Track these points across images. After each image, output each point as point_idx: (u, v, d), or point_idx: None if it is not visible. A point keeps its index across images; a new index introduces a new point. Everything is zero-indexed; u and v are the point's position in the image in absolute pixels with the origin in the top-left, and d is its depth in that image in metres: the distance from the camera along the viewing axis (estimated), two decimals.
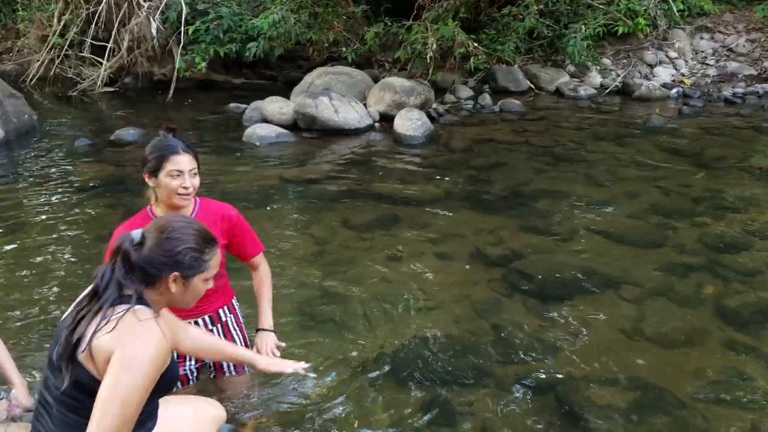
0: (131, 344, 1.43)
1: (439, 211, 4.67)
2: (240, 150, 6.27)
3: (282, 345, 2.33)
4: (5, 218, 4.53)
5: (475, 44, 8.10)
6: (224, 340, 2.17)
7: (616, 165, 5.70)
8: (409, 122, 6.62)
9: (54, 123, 7.57)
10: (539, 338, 3.08)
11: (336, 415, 2.54)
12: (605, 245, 4.10)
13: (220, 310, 2.27)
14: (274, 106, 7.07)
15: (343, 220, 4.49)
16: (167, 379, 1.56)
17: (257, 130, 6.57)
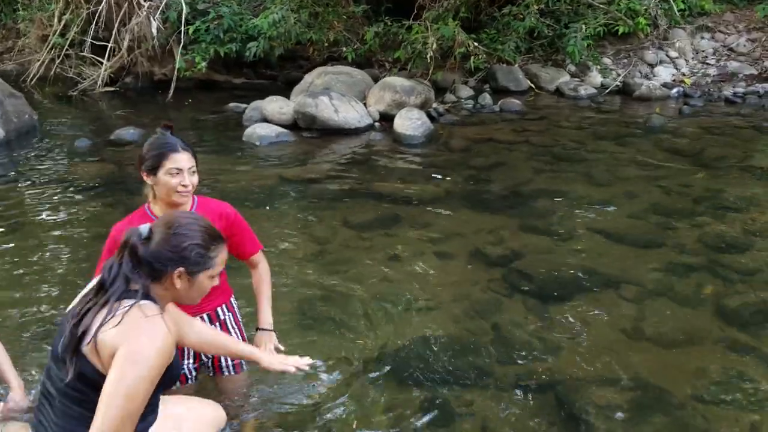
0: (137, 339, 1.44)
1: (439, 211, 4.67)
2: (240, 149, 6.27)
3: (281, 348, 2.33)
4: (5, 217, 4.53)
5: (476, 44, 8.09)
6: (228, 336, 2.17)
7: (616, 165, 5.69)
8: (409, 122, 6.61)
9: (54, 123, 7.57)
10: (539, 338, 3.07)
11: (335, 414, 2.53)
12: (605, 245, 4.10)
13: (219, 309, 2.27)
14: (274, 105, 7.07)
15: (343, 220, 4.49)
16: (171, 374, 1.58)
17: (257, 129, 6.57)
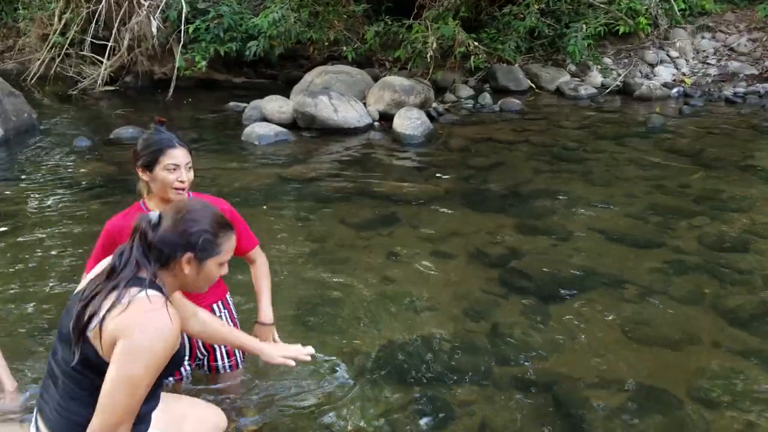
0: (138, 334, 1.44)
1: (438, 211, 4.66)
2: (239, 149, 6.27)
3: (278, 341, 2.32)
4: (4, 216, 4.53)
5: (476, 43, 8.09)
6: (231, 327, 2.14)
7: (616, 164, 5.68)
8: (409, 121, 6.61)
9: (54, 122, 7.57)
10: (538, 338, 3.07)
11: (333, 414, 2.53)
12: (605, 245, 4.09)
13: (214, 306, 2.26)
14: (273, 104, 7.07)
15: (341, 219, 4.48)
16: (175, 361, 1.58)
17: (256, 128, 6.56)
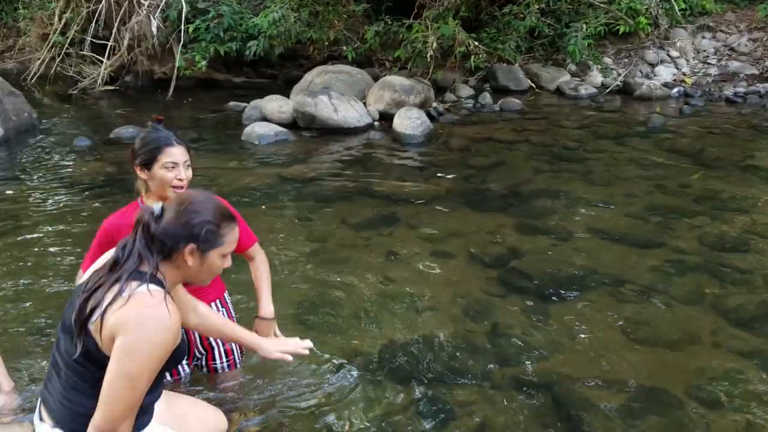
0: (137, 329, 1.44)
1: (437, 210, 4.66)
2: (239, 148, 6.26)
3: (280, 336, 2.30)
4: (4, 216, 4.53)
5: (476, 43, 8.08)
6: (229, 322, 2.13)
7: (616, 164, 5.68)
8: (409, 121, 6.60)
9: (54, 121, 7.57)
10: (538, 338, 3.06)
11: (333, 414, 2.52)
12: (605, 245, 4.08)
13: (213, 305, 2.26)
14: (273, 104, 7.06)
15: (341, 219, 4.48)
16: (176, 356, 1.58)
17: (256, 128, 6.55)
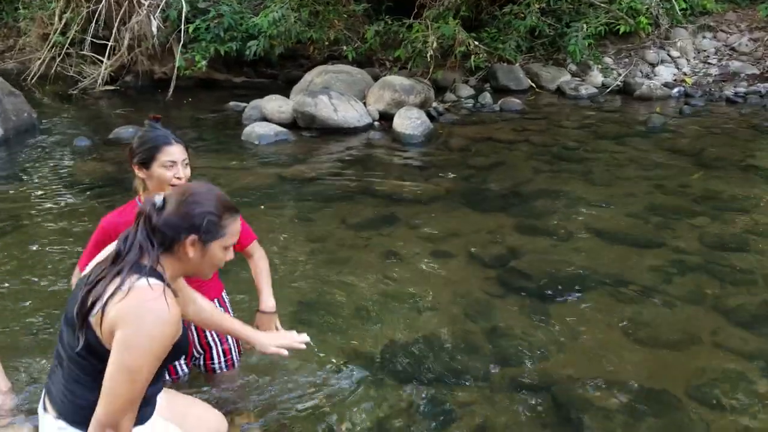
0: (136, 323, 1.43)
1: (437, 210, 4.66)
2: (239, 148, 6.26)
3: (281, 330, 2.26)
4: (3, 216, 4.53)
5: (476, 43, 8.08)
6: (226, 314, 2.12)
7: (616, 164, 5.67)
8: (409, 121, 6.60)
9: (54, 121, 7.57)
10: (538, 338, 3.06)
11: (332, 415, 2.53)
12: (605, 245, 4.08)
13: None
14: (273, 104, 7.06)
15: (341, 219, 4.48)
16: (177, 349, 1.58)
17: (256, 128, 6.55)
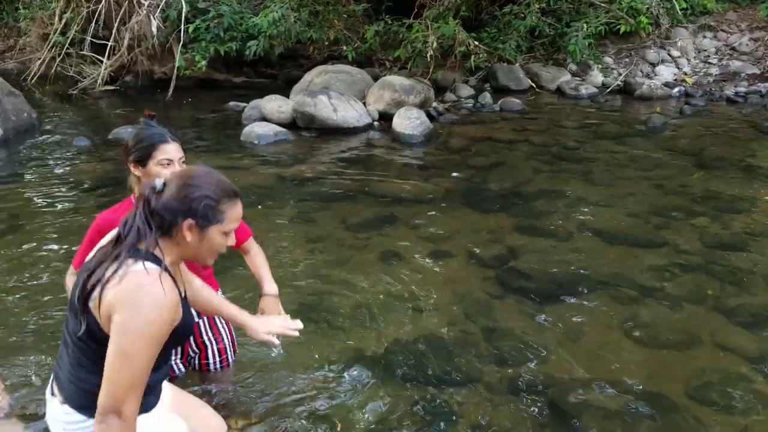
0: (132, 307, 1.43)
1: (437, 211, 4.65)
2: (238, 148, 6.26)
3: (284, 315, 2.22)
4: (2, 215, 4.53)
5: (476, 43, 8.07)
6: (221, 298, 2.10)
7: (616, 164, 5.66)
8: (408, 121, 6.59)
9: (54, 121, 7.57)
10: (537, 338, 3.05)
11: (326, 413, 2.52)
12: (604, 245, 4.07)
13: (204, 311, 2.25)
14: (273, 104, 7.05)
15: (340, 219, 4.47)
16: (179, 334, 1.57)
17: (256, 128, 6.55)
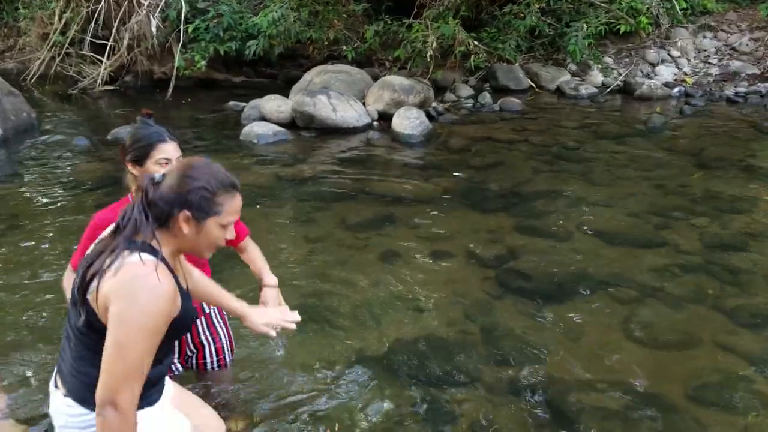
0: (127, 298, 1.43)
1: (436, 211, 4.64)
2: (238, 148, 6.26)
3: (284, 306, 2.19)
4: (2, 215, 4.52)
5: (476, 43, 8.07)
6: (219, 288, 2.05)
7: (616, 164, 5.66)
8: (408, 121, 6.59)
9: (53, 121, 7.56)
10: (537, 338, 3.05)
11: (326, 413, 2.52)
12: (605, 245, 4.07)
13: (204, 303, 2.25)
14: (272, 104, 7.05)
15: (339, 219, 4.47)
16: (179, 326, 1.56)
17: (255, 128, 6.54)
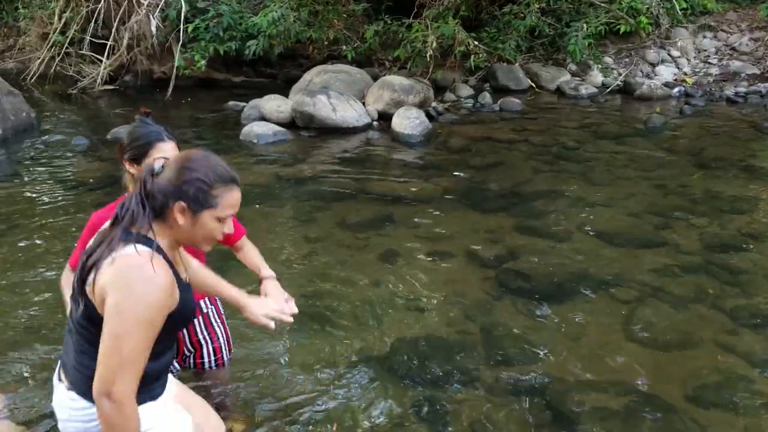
0: (123, 289, 1.42)
1: (436, 211, 4.64)
2: (237, 147, 6.25)
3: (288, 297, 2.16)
4: (1, 215, 4.52)
5: (476, 42, 8.07)
6: (219, 278, 2.03)
7: (615, 164, 5.65)
8: (407, 121, 6.58)
9: (53, 121, 7.56)
10: (537, 338, 3.05)
11: (326, 413, 2.52)
12: (604, 245, 4.06)
13: (201, 302, 2.25)
14: (272, 104, 7.04)
15: (339, 219, 4.46)
16: (178, 319, 1.56)
17: (255, 128, 6.54)
